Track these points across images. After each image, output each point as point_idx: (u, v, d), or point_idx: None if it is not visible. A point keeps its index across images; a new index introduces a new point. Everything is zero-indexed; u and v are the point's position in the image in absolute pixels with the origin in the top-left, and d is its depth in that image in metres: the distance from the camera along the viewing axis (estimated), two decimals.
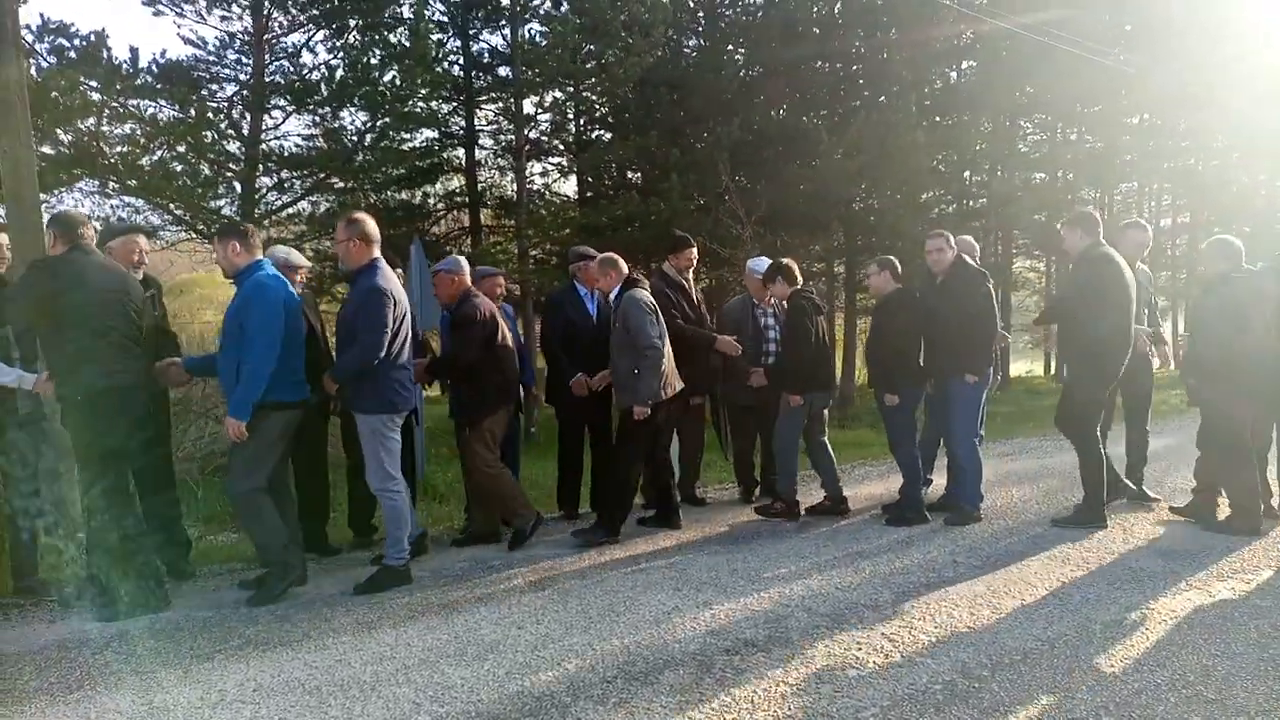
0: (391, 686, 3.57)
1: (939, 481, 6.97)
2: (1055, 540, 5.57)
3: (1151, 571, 4.88)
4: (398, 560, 4.98)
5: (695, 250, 6.59)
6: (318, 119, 10.71)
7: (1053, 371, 22.72)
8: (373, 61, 9.57)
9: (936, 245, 6.18)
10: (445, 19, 13.53)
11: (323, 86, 9.77)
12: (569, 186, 16.03)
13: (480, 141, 15.07)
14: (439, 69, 13.52)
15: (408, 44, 9.84)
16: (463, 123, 14.23)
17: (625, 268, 5.97)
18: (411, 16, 9.65)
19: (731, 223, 12.42)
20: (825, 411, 6.57)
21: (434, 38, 13.74)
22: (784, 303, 6.51)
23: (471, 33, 13.70)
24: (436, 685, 3.57)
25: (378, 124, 10.64)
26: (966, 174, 19.02)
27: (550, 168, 15.53)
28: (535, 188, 15.43)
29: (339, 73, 9.66)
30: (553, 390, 6.55)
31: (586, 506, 6.77)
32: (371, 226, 4.93)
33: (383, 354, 4.77)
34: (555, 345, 6.42)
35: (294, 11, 10.05)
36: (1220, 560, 5.04)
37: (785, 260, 6.48)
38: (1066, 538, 5.63)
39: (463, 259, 5.75)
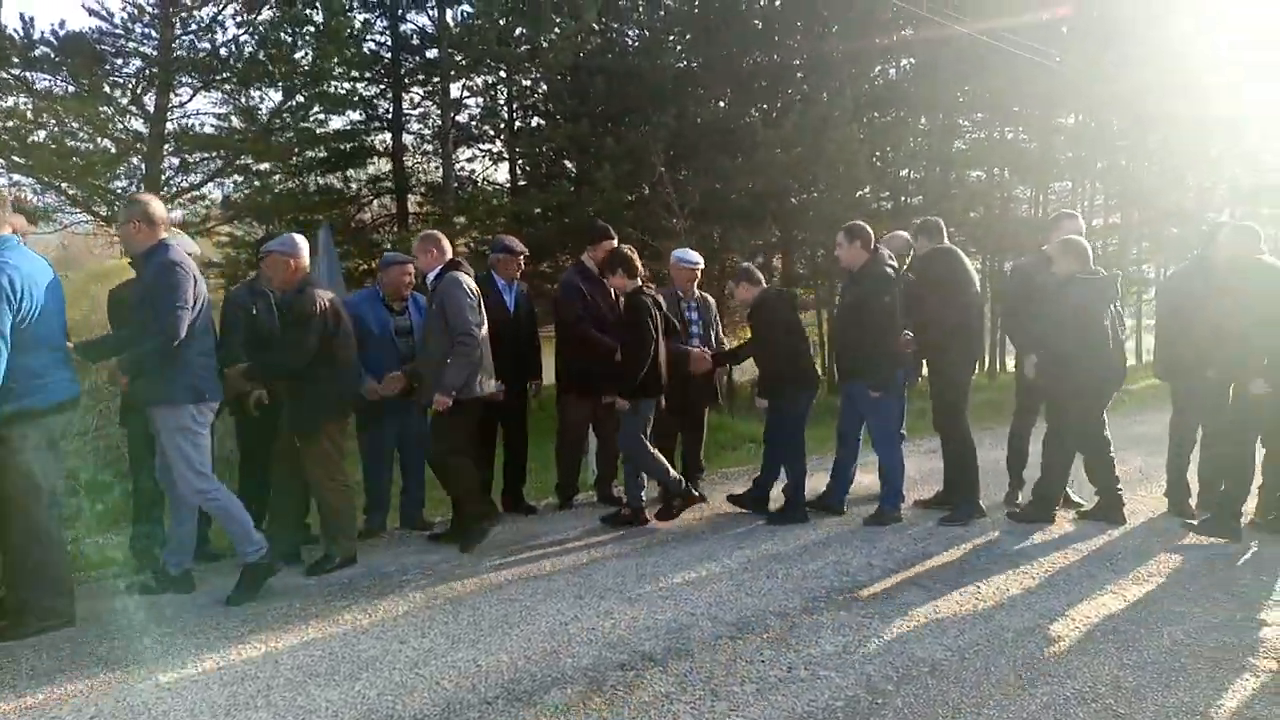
0: (246, 712, 3.24)
1: (862, 477, 6.82)
2: (973, 543, 5.43)
3: (1070, 574, 4.76)
4: (255, 554, 4.52)
5: (615, 242, 6.30)
6: (227, 97, 10.16)
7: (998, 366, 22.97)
8: (284, 37, 9.08)
9: (838, 241, 6.01)
10: None
11: (232, 63, 9.24)
12: (502, 174, 15.66)
13: (409, 126, 14.60)
14: (363, 49, 13.08)
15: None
16: (390, 106, 13.73)
17: (448, 247, 5.52)
18: None
19: (665, 214, 12.17)
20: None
21: (360, 17, 13.27)
22: (621, 297, 5.94)
23: (400, 13, 13.21)
24: (297, 709, 3.25)
25: (293, 104, 10.14)
26: (906, 171, 19.06)
27: (480, 154, 15.11)
28: (466, 175, 15.01)
29: (248, 49, 9.14)
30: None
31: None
32: (156, 207, 4.39)
33: (183, 333, 4.22)
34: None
35: None
36: (1142, 563, 4.94)
37: (626, 249, 5.96)
38: (984, 540, 5.49)
39: (299, 238, 5.08)
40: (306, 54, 9.37)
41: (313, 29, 9.40)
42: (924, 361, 6.39)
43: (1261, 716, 3.11)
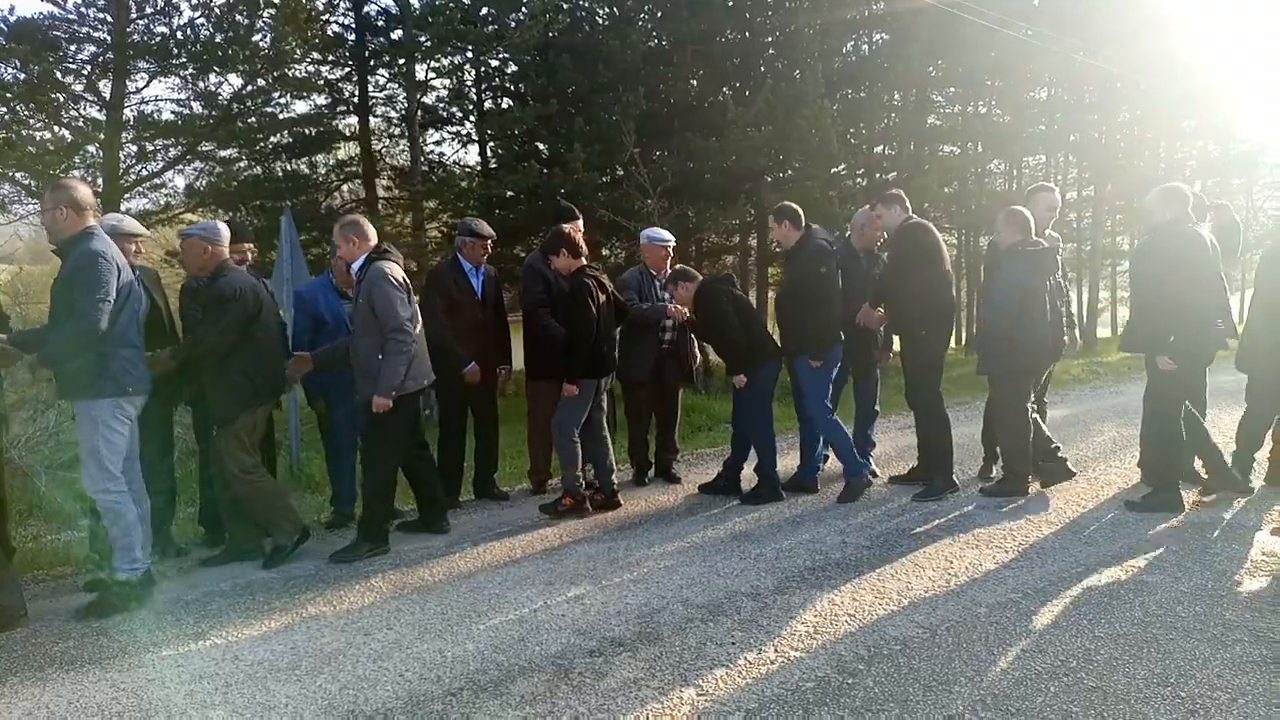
0: (204, 710, 3.16)
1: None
2: (948, 517, 5.40)
3: (1043, 548, 4.74)
4: (131, 571, 4.24)
5: (581, 222, 6.19)
6: (184, 82, 9.91)
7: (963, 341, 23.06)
8: (240, 20, 8.86)
9: (770, 224, 5.96)
10: None
11: (189, 47, 9.01)
12: (473, 156, 15.44)
13: (376, 109, 14.37)
14: (327, 32, 12.84)
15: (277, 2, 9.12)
16: (355, 89, 13.50)
17: (372, 234, 5.12)
18: None
19: (638, 195, 12.06)
20: (605, 397, 6.15)
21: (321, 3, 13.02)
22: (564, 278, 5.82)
23: None
24: (257, 706, 3.17)
25: (254, 88, 9.92)
26: (880, 148, 19.01)
27: (449, 136, 14.89)
28: (436, 158, 14.80)
29: (204, 33, 8.90)
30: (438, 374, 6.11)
31: (469, 494, 6.39)
32: (83, 193, 4.19)
33: (105, 325, 4.01)
34: (436, 324, 6.01)
35: None
36: (1115, 535, 4.93)
37: (566, 229, 5.81)
38: (958, 515, 5.46)
39: (220, 224, 4.95)
40: (264, 37, 9.14)
41: (271, 11, 9.17)
42: (894, 338, 6.33)
43: (1231, 686, 3.09)
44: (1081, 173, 25.69)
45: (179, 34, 8.99)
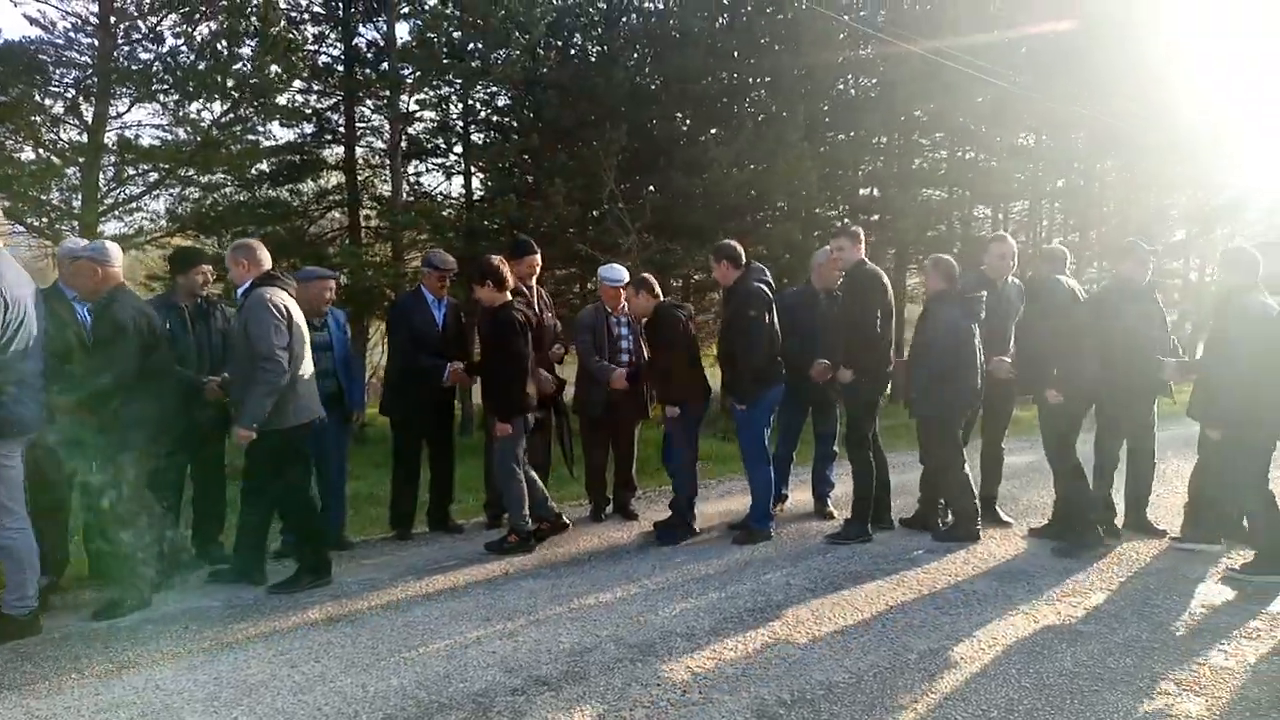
0: None
1: (796, 496, 6.81)
2: (896, 560, 5.39)
3: (983, 595, 4.73)
4: (19, 609, 4.11)
5: (539, 257, 6.24)
6: (163, 109, 10.00)
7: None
8: (221, 48, 8.95)
9: (710, 263, 6.02)
10: (322, 10, 12.93)
11: (172, 73, 9.09)
12: (458, 188, 15.57)
13: (364, 139, 14.48)
14: (317, 61, 12.97)
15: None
16: (343, 118, 13.61)
17: (265, 258, 4.89)
18: (259, 2, 9.01)
19: (618, 230, 12.14)
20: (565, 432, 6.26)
21: (312, 30, 13.18)
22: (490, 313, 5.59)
23: (352, 26, 13.10)
24: None
25: (236, 115, 10.01)
26: (871, 189, 19.18)
27: (434, 167, 15.00)
28: (421, 188, 14.90)
29: (186, 59, 8.99)
30: (390, 403, 6.13)
31: (423, 525, 6.36)
32: None
33: None
34: (399, 355, 6.08)
35: None
36: (1056, 583, 4.92)
37: (494, 260, 5.64)
38: (906, 560, 5.45)
39: (112, 245, 4.69)
40: (246, 66, 9.24)
41: (254, 42, 9.28)
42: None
43: None
44: (1067, 219, 25.91)
45: (158, 63, 9.07)
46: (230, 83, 9.71)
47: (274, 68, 9.58)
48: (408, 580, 5.11)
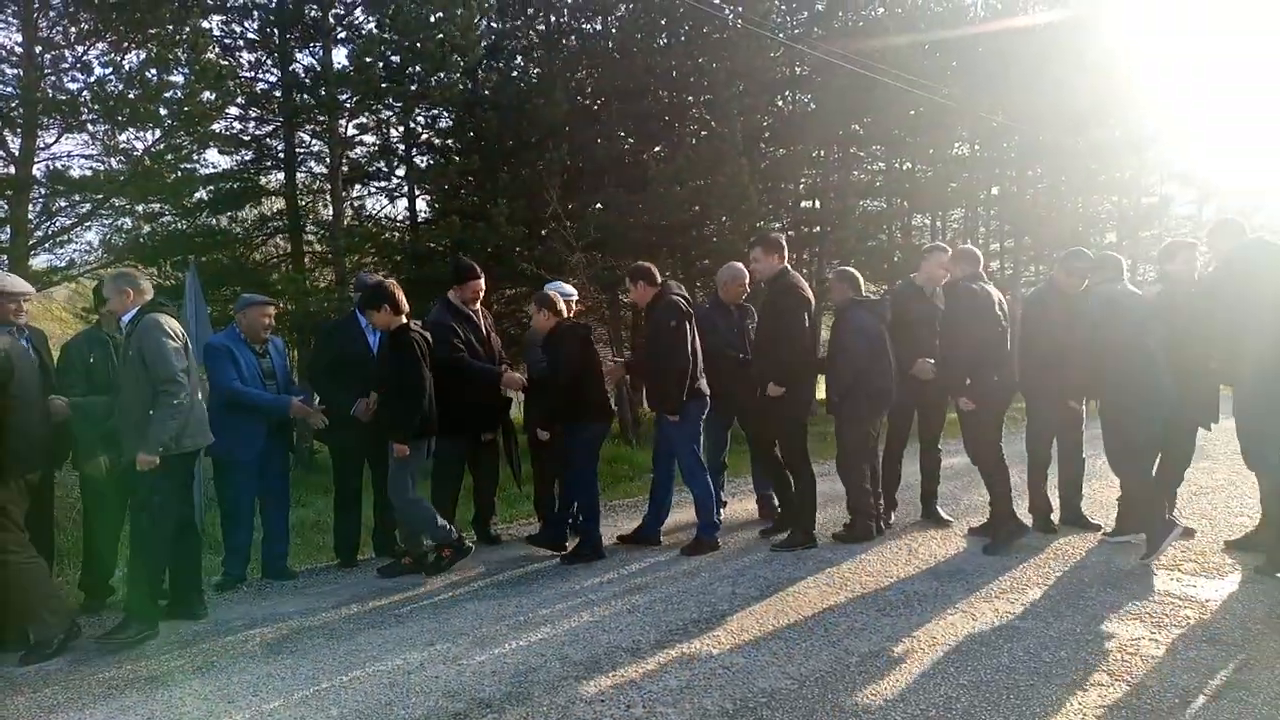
0: None
1: (736, 505, 6.87)
2: (840, 564, 5.46)
3: (924, 595, 4.81)
4: None
5: (483, 281, 6.23)
6: (91, 138, 9.80)
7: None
8: (150, 76, 8.81)
9: (627, 285, 6.13)
10: (257, 37, 12.81)
11: (103, 103, 8.90)
12: (401, 211, 15.49)
13: (305, 164, 14.36)
14: (252, 88, 12.84)
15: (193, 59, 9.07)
16: (282, 144, 13.48)
17: (147, 287, 4.82)
18: (189, 30, 8.88)
19: (562, 248, 12.17)
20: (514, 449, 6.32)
21: (248, 57, 13.06)
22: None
23: (289, 52, 13.00)
24: None
25: (170, 144, 9.85)
26: (813, 201, 19.50)
27: (376, 191, 14.92)
28: (365, 213, 14.81)
29: (115, 88, 8.81)
30: (326, 430, 6.05)
31: (370, 553, 6.28)
32: None
33: None
34: (321, 379, 6.01)
35: (68, 24, 9.13)
36: (993, 580, 5.03)
37: (388, 282, 5.65)
38: (851, 564, 5.53)
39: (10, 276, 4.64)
40: (176, 94, 9.10)
41: (186, 69, 9.14)
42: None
43: None
44: (1002, 225, 26.58)
45: (90, 90, 8.89)
46: (163, 111, 9.56)
47: (207, 95, 9.44)
48: (351, 608, 5.04)
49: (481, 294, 6.23)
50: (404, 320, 5.49)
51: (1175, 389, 5.32)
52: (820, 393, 11.48)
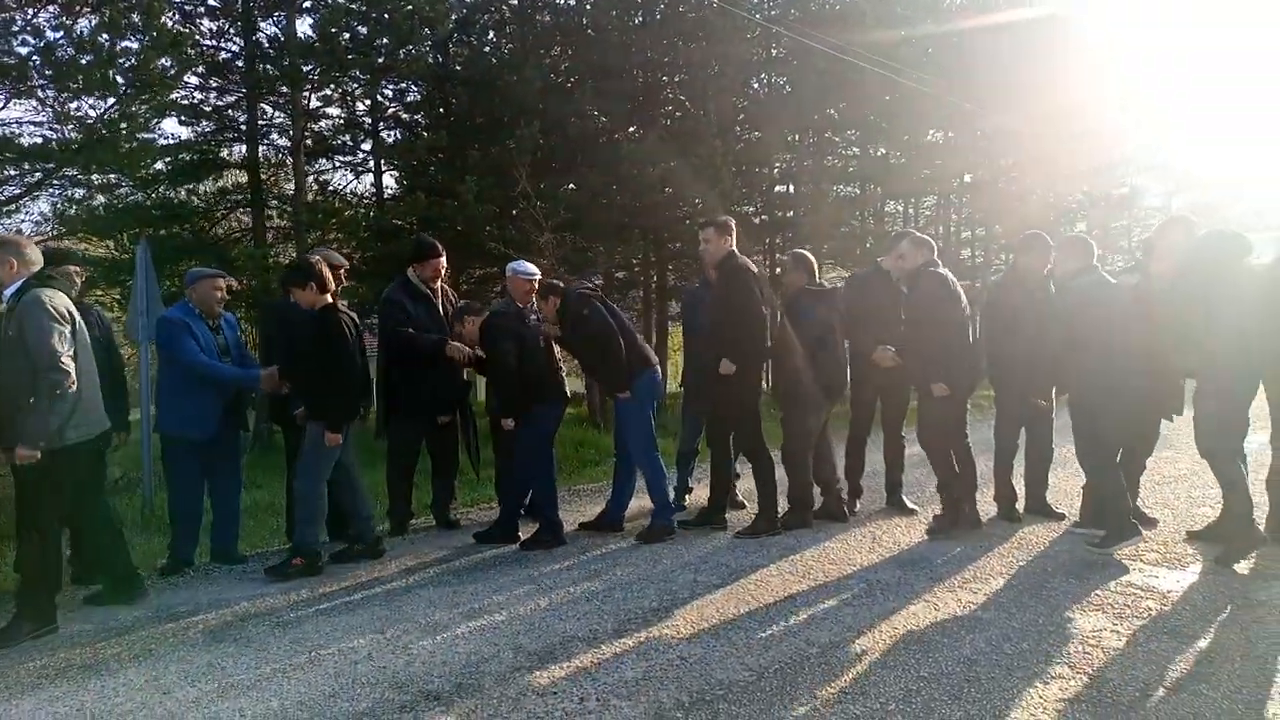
0: None
1: (701, 493, 6.77)
2: (804, 553, 5.38)
3: (887, 584, 4.75)
4: None
5: (443, 259, 6.06)
6: (44, 105, 9.43)
7: None
8: (103, 41, 8.46)
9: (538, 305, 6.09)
10: (219, 4, 12.42)
11: (53, 68, 8.56)
12: (367, 186, 15.18)
13: (269, 137, 14.02)
14: (214, 57, 12.49)
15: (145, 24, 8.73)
16: (245, 115, 13.12)
17: (36, 257, 4.39)
18: None
19: (532, 228, 11.96)
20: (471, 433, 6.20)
21: (209, 25, 12.67)
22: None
23: (252, 21, 12.62)
24: None
25: (125, 112, 9.49)
26: (787, 186, 19.41)
27: (340, 165, 14.60)
28: (331, 188, 14.49)
29: (63, 52, 8.46)
30: (279, 410, 5.88)
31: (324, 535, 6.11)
32: None
33: None
34: (277, 360, 5.82)
35: None
36: (957, 570, 4.97)
37: (313, 259, 5.40)
38: (815, 551, 5.45)
39: None
40: (131, 61, 8.77)
41: (143, 35, 8.81)
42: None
43: None
44: (974, 213, 26.67)
45: (40, 55, 8.54)
46: (118, 78, 9.22)
47: (163, 62, 9.11)
48: (301, 593, 4.89)
49: (442, 272, 6.07)
50: (329, 300, 5.21)
51: (1144, 382, 5.28)
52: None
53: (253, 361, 5.89)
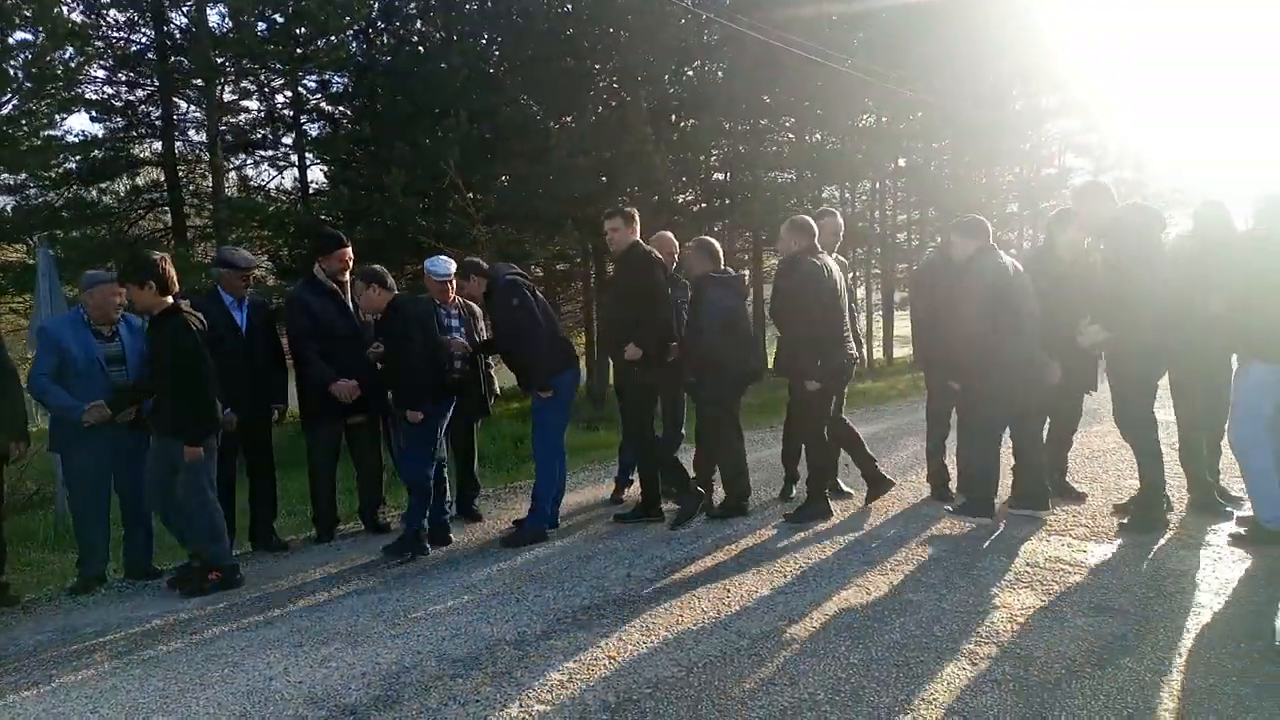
0: None
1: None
2: (740, 544, 5.33)
3: (820, 569, 4.72)
4: None
5: (350, 251, 5.84)
6: None
7: None
8: None
9: (457, 281, 6.02)
10: None
11: None
12: (290, 181, 14.73)
13: (187, 133, 13.52)
14: (124, 49, 12.00)
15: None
16: (159, 110, 12.64)
17: None
18: None
19: (463, 220, 11.75)
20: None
21: (117, 16, 12.16)
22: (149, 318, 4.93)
23: (162, 12, 12.14)
24: None
25: (23, 108, 9.04)
26: (726, 174, 19.40)
27: (262, 160, 14.16)
28: (254, 184, 14.05)
29: None
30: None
31: (246, 545, 5.89)
32: None
33: None
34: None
35: None
36: (893, 553, 4.97)
37: (156, 256, 4.97)
38: (751, 541, 5.41)
39: None
40: (26, 54, 8.33)
41: (36, 28, 8.37)
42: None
43: (968, 709, 3.08)
44: (909, 196, 27.06)
45: None
46: (12, 72, 8.78)
47: (64, 54, 8.68)
48: (219, 605, 4.68)
49: (349, 263, 5.84)
50: (170, 301, 4.81)
51: (1044, 360, 5.33)
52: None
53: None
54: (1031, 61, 24.11)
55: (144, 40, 12.73)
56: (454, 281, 6.01)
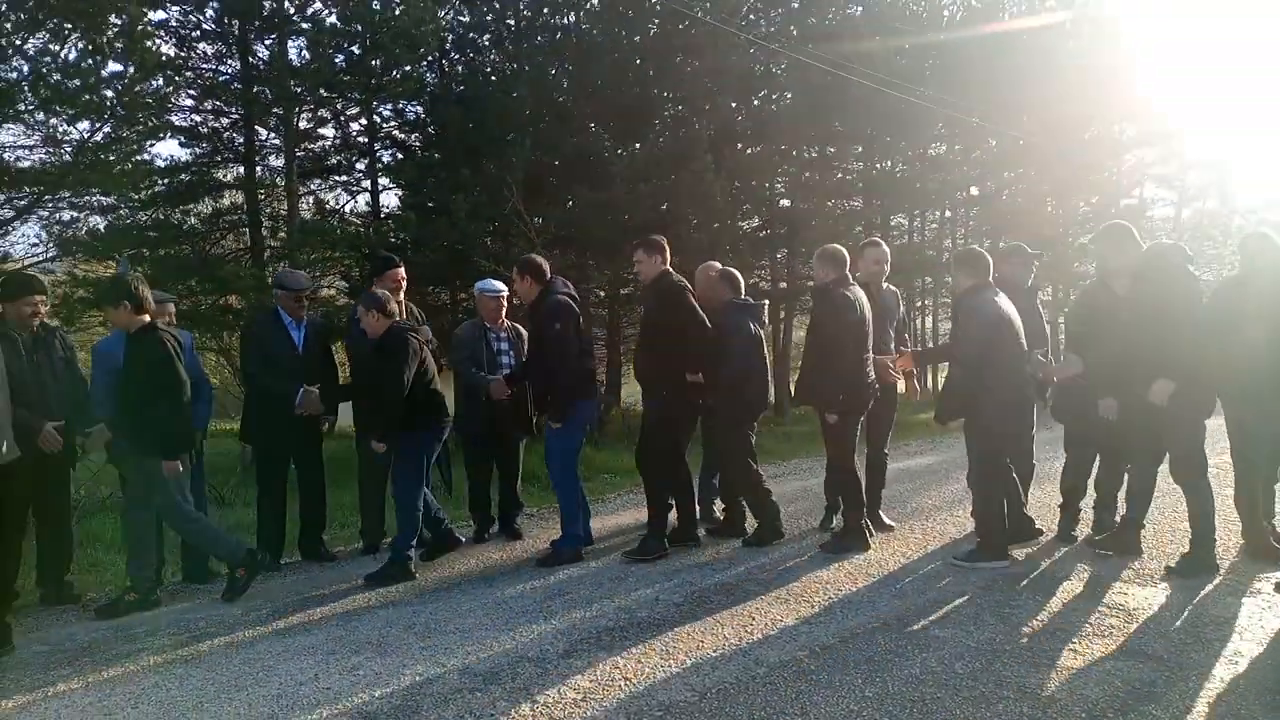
0: None
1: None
2: (773, 570, 5.33)
3: (850, 601, 4.69)
4: None
5: (402, 271, 6.06)
6: (30, 128, 9.57)
7: None
8: (87, 65, 8.57)
9: (514, 276, 6.02)
10: (215, 28, 12.59)
11: (39, 93, 8.69)
12: (363, 205, 15.28)
13: (268, 158, 14.17)
14: (212, 79, 12.65)
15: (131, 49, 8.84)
16: (242, 136, 13.28)
17: None
18: (127, 17, 8.63)
19: (524, 245, 12.01)
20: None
21: (206, 48, 12.84)
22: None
23: (248, 44, 12.79)
24: None
25: (116, 135, 9.62)
26: (793, 200, 19.38)
27: (336, 185, 14.75)
28: (328, 206, 14.62)
29: (52, 77, 8.58)
30: (250, 425, 5.89)
31: (295, 555, 6.12)
32: None
33: None
34: (253, 377, 5.85)
35: (8, 10, 8.87)
36: (927, 588, 4.92)
37: (132, 276, 5.00)
38: (783, 568, 5.40)
39: None
40: (118, 84, 8.89)
41: (126, 59, 8.92)
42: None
43: None
44: (980, 226, 26.56)
45: (27, 80, 8.66)
46: (106, 101, 9.35)
47: (152, 84, 9.23)
48: (261, 614, 4.87)
49: (403, 282, 6.05)
50: (146, 320, 4.87)
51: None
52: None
53: (205, 380, 5.87)
54: (1111, 90, 23.54)
55: (229, 71, 13.38)
56: (504, 303, 6.17)
